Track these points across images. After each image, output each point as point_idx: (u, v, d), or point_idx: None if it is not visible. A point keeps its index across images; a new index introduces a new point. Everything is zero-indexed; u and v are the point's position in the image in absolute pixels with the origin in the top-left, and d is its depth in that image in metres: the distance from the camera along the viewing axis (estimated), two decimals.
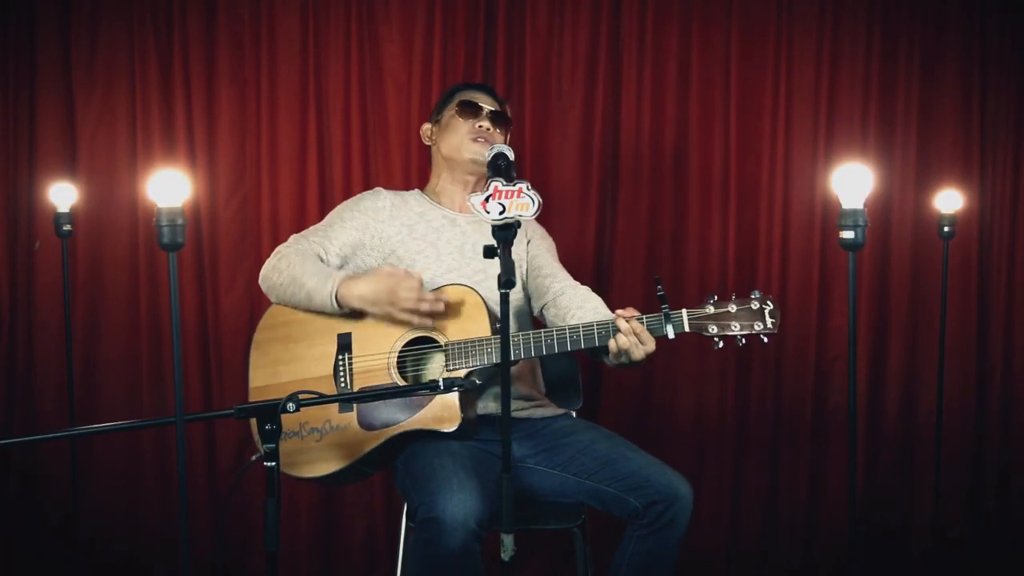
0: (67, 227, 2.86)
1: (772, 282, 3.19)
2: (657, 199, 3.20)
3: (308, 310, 2.30)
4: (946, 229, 2.84)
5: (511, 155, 1.92)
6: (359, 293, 2.23)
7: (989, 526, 3.24)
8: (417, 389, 2.06)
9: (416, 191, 2.53)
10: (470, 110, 2.46)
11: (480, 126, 2.44)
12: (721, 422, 3.22)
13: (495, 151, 1.97)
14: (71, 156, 3.14)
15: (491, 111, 2.47)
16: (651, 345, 2.14)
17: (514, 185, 1.76)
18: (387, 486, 3.16)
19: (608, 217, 3.21)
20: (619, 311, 2.16)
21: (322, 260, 2.35)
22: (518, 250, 2.47)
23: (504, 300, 1.72)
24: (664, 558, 2.18)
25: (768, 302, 2.17)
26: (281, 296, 2.32)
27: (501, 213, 1.74)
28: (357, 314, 2.29)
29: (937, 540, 3.07)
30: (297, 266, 2.28)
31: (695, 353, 3.20)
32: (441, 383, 1.93)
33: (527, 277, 2.49)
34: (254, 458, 1.83)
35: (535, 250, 2.51)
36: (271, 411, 1.83)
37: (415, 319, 2.22)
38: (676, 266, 3.21)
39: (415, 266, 2.36)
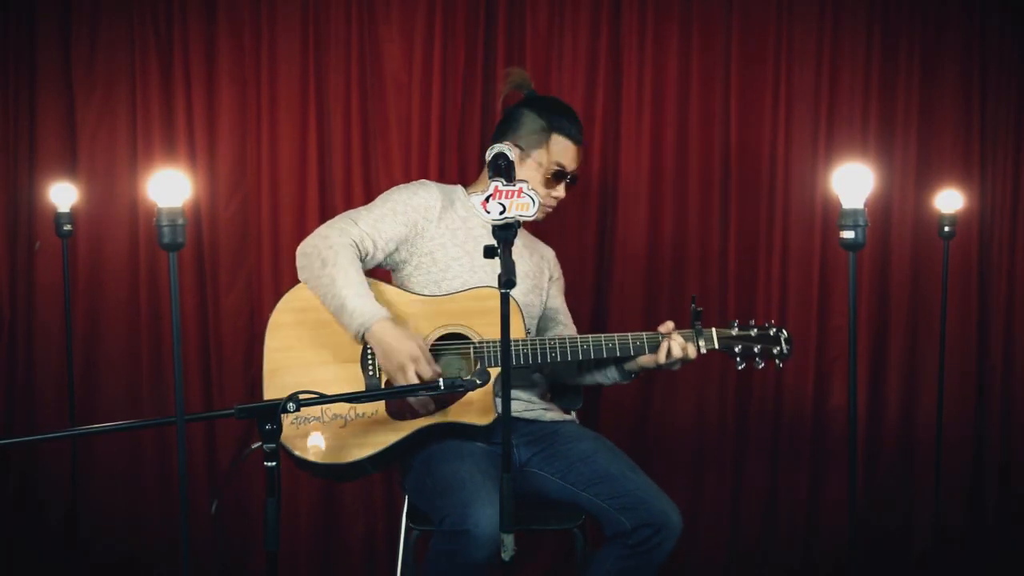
0: (67, 227, 2.86)
1: (772, 282, 3.19)
2: (657, 199, 3.20)
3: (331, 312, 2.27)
4: (946, 229, 2.84)
5: (512, 155, 1.92)
6: (383, 339, 2.19)
7: (989, 526, 3.24)
8: (417, 389, 2.06)
9: (460, 189, 2.50)
10: (559, 176, 2.43)
11: (555, 196, 2.44)
12: (721, 422, 3.23)
13: (495, 151, 1.96)
14: (71, 156, 3.14)
15: (572, 175, 2.46)
16: (691, 350, 2.29)
17: (514, 185, 1.76)
18: (387, 486, 3.16)
19: (608, 217, 3.21)
20: (660, 327, 2.29)
21: (367, 254, 2.31)
22: (539, 281, 2.51)
23: (504, 300, 1.73)
24: None
25: (783, 331, 2.34)
26: (312, 287, 2.27)
27: (501, 213, 1.75)
28: (389, 306, 2.27)
29: (937, 540, 3.07)
30: (342, 272, 2.22)
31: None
32: (441, 383, 1.93)
33: (544, 304, 2.55)
34: (254, 446, 1.83)
35: (554, 290, 2.58)
36: (271, 411, 1.83)
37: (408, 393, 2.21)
38: (676, 266, 3.21)
39: (448, 272, 2.35)
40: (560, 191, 2.44)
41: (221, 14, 3.13)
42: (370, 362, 2.26)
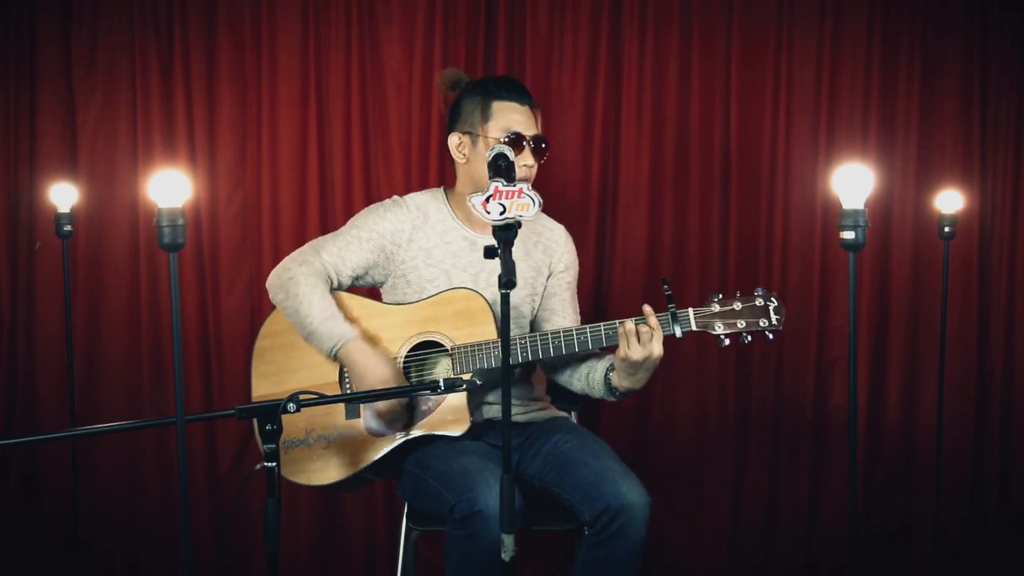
0: (68, 227, 2.85)
1: (773, 282, 3.19)
2: (658, 199, 3.20)
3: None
4: (947, 229, 2.83)
5: (511, 155, 1.93)
6: (355, 359, 2.22)
7: (989, 527, 3.24)
8: (418, 390, 2.07)
9: (441, 195, 2.41)
10: (515, 144, 2.25)
11: (524, 165, 2.25)
12: (722, 423, 3.22)
13: (495, 151, 1.97)
14: (72, 156, 3.14)
15: (534, 138, 2.29)
16: (657, 347, 2.11)
17: (514, 185, 1.76)
18: (387, 486, 3.16)
19: (608, 218, 3.21)
20: (644, 307, 2.15)
21: (332, 283, 2.31)
22: (539, 281, 2.43)
23: (504, 300, 1.72)
24: (616, 572, 2.12)
25: (772, 299, 2.16)
26: (285, 315, 2.31)
27: (502, 213, 1.75)
28: (361, 320, 2.29)
29: (938, 541, 3.07)
30: (304, 300, 2.24)
31: (695, 353, 3.20)
32: (442, 383, 1.94)
33: (538, 307, 2.45)
34: (258, 467, 1.84)
35: (552, 287, 2.45)
36: (272, 412, 1.83)
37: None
38: (677, 267, 3.21)
39: (423, 293, 2.32)
40: (527, 158, 2.26)
41: (221, 14, 3.13)
42: (347, 380, 2.29)
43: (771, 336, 2.16)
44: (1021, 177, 3.21)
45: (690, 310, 2.16)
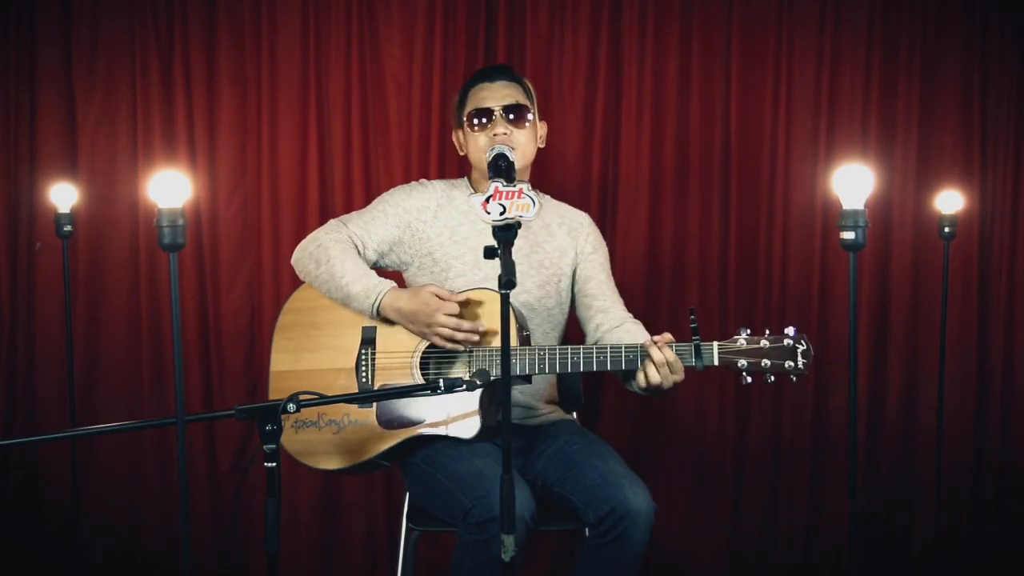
0: (68, 228, 2.85)
1: (773, 283, 3.19)
2: (657, 200, 3.20)
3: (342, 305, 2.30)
4: (947, 230, 2.83)
5: (511, 156, 1.92)
6: (399, 307, 2.22)
7: (989, 526, 3.23)
8: (417, 390, 2.06)
9: (465, 181, 2.48)
10: (481, 117, 2.36)
11: (496, 134, 2.33)
12: (722, 422, 3.22)
13: (495, 152, 1.97)
14: (72, 156, 3.14)
15: (504, 107, 2.35)
16: (681, 375, 2.10)
17: (515, 186, 1.76)
18: (387, 486, 3.16)
19: (608, 218, 3.21)
20: (655, 337, 2.11)
21: (359, 253, 2.34)
22: (564, 262, 2.44)
23: (504, 301, 1.72)
24: (617, 575, 2.12)
25: (803, 342, 2.10)
26: (316, 286, 2.32)
27: (502, 214, 1.75)
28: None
29: (937, 540, 3.07)
30: (337, 263, 2.26)
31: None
32: (442, 384, 1.93)
33: (576, 293, 2.46)
34: (258, 450, 1.84)
35: (586, 271, 2.46)
36: (272, 412, 1.83)
37: (448, 345, 2.20)
38: (677, 267, 3.20)
39: (451, 271, 2.34)
40: (496, 127, 2.33)
41: (221, 14, 3.13)
42: (363, 367, 2.28)
43: (795, 379, 2.10)
44: (1021, 177, 3.21)
45: (715, 344, 2.10)
